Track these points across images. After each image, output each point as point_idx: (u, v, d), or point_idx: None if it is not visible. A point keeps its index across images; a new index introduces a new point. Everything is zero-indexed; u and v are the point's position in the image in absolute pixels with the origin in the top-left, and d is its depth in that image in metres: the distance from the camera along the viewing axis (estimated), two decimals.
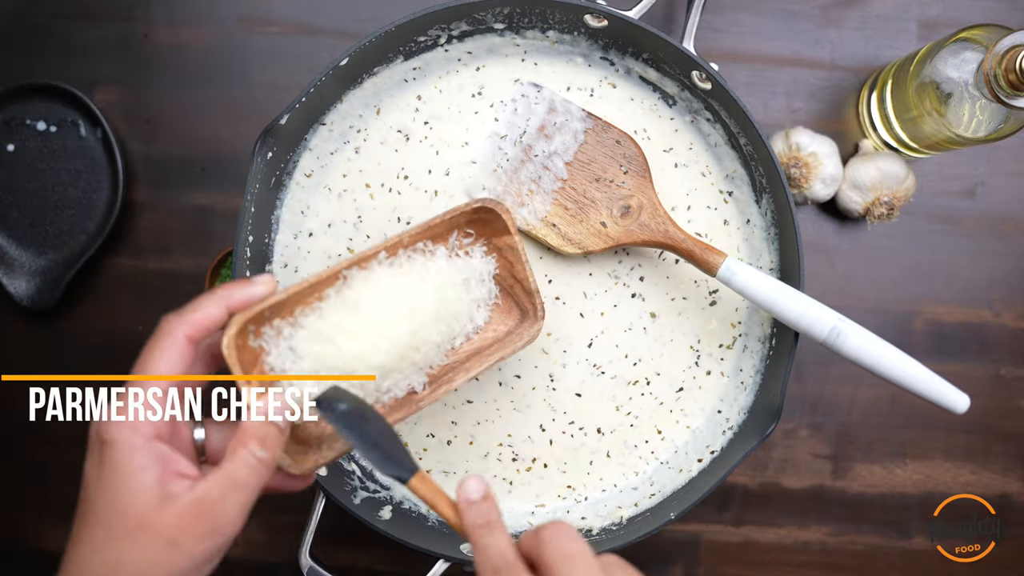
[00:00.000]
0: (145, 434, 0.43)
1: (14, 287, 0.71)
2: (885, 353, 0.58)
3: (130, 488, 0.42)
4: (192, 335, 0.45)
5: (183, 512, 0.42)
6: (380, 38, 0.61)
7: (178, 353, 0.45)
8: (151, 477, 0.42)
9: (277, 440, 0.46)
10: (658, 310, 0.67)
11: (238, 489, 0.43)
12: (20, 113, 0.72)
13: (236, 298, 0.47)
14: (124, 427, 0.43)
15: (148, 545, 0.42)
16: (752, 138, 0.63)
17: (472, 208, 0.55)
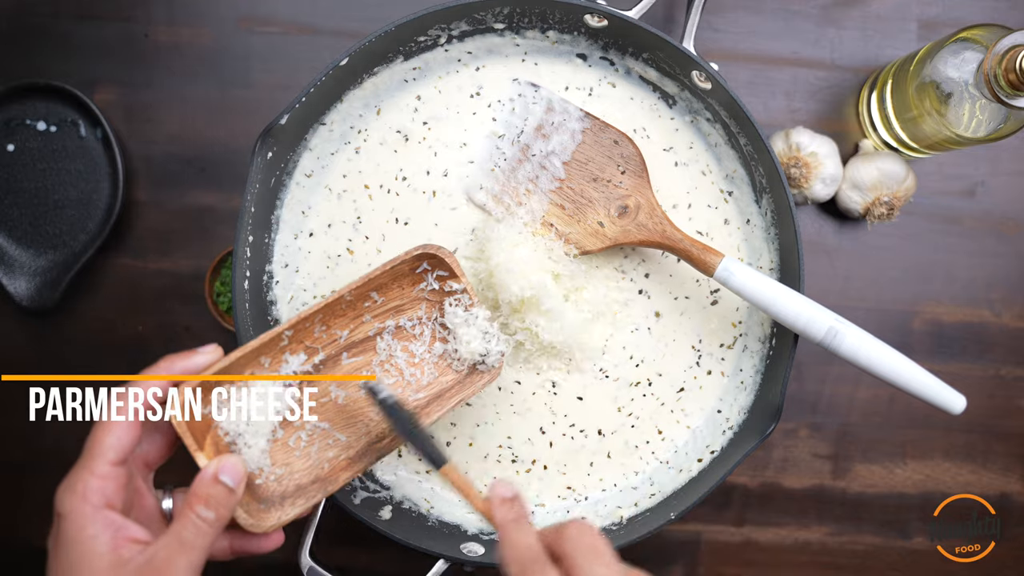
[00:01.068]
0: (95, 504, 0.45)
1: (14, 287, 0.71)
2: (882, 354, 0.58)
3: (84, 555, 0.44)
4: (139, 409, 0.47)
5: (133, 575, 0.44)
6: (380, 38, 0.61)
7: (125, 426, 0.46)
8: (103, 544, 0.44)
9: (224, 500, 0.47)
10: (662, 309, 0.67)
11: (185, 550, 0.45)
12: (20, 113, 0.72)
13: (178, 369, 0.49)
14: (75, 498, 0.44)
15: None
16: (752, 138, 0.63)
17: (413, 256, 0.55)
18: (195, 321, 0.73)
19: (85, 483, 0.45)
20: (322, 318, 0.54)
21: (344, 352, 0.56)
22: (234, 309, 0.61)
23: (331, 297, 0.54)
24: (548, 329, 0.64)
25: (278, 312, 0.66)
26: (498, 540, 0.46)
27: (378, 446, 0.56)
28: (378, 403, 0.51)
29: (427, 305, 0.57)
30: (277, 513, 0.52)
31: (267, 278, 0.65)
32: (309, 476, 0.55)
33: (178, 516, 0.46)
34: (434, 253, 0.55)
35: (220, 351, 0.50)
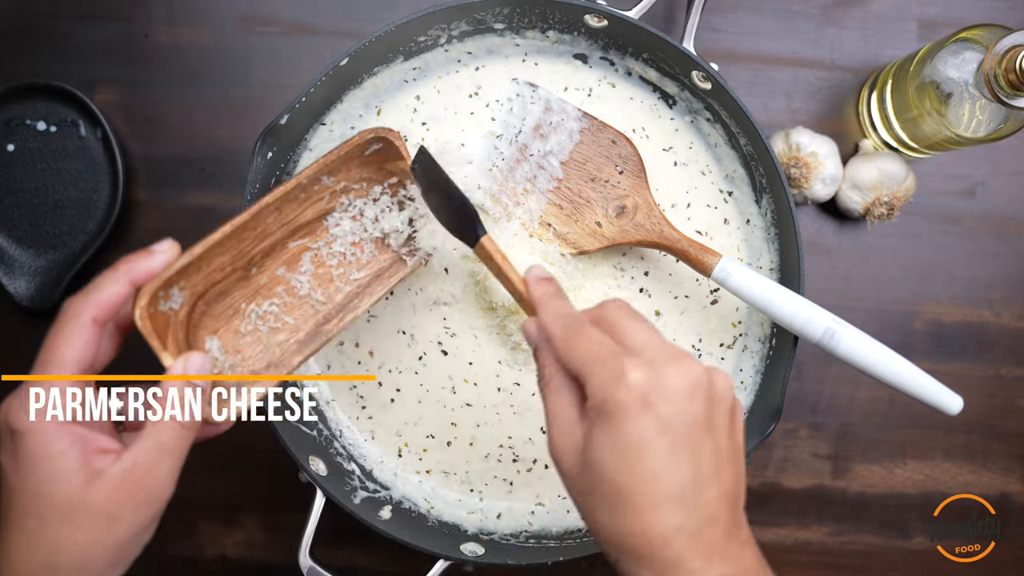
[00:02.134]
0: (58, 419, 0.43)
1: (14, 287, 0.71)
2: (879, 354, 0.58)
3: (54, 474, 0.42)
4: (99, 317, 0.44)
5: (115, 486, 0.42)
6: (380, 38, 0.61)
7: (85, 337, 0.44)
8: (73, 459, 0.42)
9: (196, 399, 0.46)
10: (662, 308, 0.67)
11: (166, 456, 0.44)
12: (20, 113, 0.71)
13: (139, 271, 0.46)
14: (36, 414, 0.42)
15: (86, 524, 0.42)
16: (752, 138, 0.63)
17: (367, 139, 0.55)
18: None
19: (44, 398, 0.43)
20: (277, 205, 0.54)
21: (291, 235, 0.56)
22: None
23: (290, 183, 0.54)
24: None
25: None
26: (536, 315, 0.46)
27: (326, 327, 0.57)
28: (424, 165, 0.52)
29: (368, 185, 0.58)
30: (236, 403, 0.52)
31: None
32: (262, 362, 0.55)
33: (152, 422, 0.44)
34: (384, 136, 0.56)
35: (177, 247, 0.48)
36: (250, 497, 0.74)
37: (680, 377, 0.40)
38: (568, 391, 0.43)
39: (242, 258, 0.54)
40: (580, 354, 0.42)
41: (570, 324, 0.43)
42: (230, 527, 0.74)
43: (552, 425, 0.43)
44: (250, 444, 0.72)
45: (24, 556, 0.42)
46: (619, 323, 0.43)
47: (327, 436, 0.67)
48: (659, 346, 0.42)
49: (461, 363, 0.67)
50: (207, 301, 0.53)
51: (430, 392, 0.67)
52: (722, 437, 0.41)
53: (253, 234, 0.53)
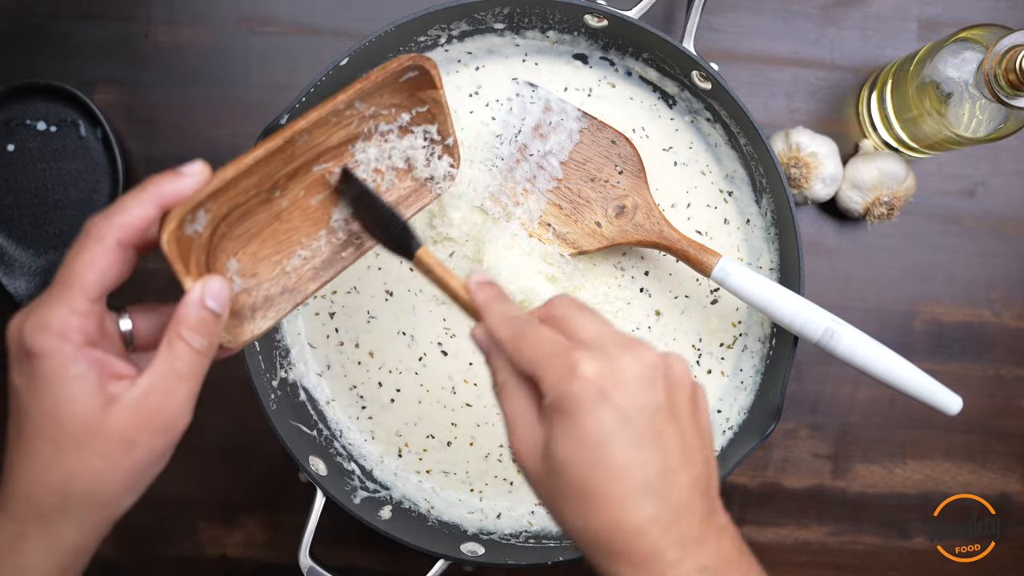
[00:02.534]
0: (76, 342, 0.41)
1: (14, 287, 0.71)
2: (879, 354, 0.58)
3: (71, 397, 0.40)
4: (124, 239, 0.42)
5: (131, 411, 0.41)
6: (380, 38, 0.61)
7: (108, 260, 0.42)
8: (90, 384, 0.41)
9: (215, 326, 0.44)
10: (662, 308, 0.67)
11: (182, 381, 0.42)
12: (20, 113, 0.71)
13: (168, 193, 0.44)
14: (52, 336, 0.40)
15: (103, 449, 0.41)
16: (752, 138, 0.63)
17: (404, 66, 0.54)
18: None
19: (63, 320, 0.40)
20: (308, 129, 0.52)
21: (316, 159, 0.55)
22: None
23: (325, 107, 0.52)
24: None
25: None
26: (482, 320, 0.44)
27: (343, 254, 0.56)
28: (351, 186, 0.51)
29: (397, 111, 0.57)
30: (250, 327, 0.51)
31: None
32: (277, 286, 0.54)
33: (168, 345, 0.42)
34: (420, 64, 0.54)
35: (208, 169, 0.46)
36: (250, 497, 0.74)
37: (635, 364, 0.39)
38: (523, 393, 0.41)
39: (267, 181, 0.52)
40: (530, 353, 0.41)
41: (517, 325, 0.42)
42: (230, 527, 0.74)
43: (512, 430, 0.42)
44: (250, 444, 0.73)
45: (38, 480, 0.41)
46: (567, 317, 0.42)
47: (327, 436, 0.67)
48: (611, 336, 0.41)
49: (461, 363, 0.67)
50: (228, 223, 0.51)
51: (430, 392, 0.67)
52: (686, 422, 0.40)
53: (281, 157, 0.52)
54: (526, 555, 0.63)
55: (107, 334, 0.44)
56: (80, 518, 0.42)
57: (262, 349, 0.63)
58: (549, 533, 0.67)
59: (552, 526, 0.67)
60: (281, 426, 0.61)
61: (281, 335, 0.66)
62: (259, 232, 0.53)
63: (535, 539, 0.66)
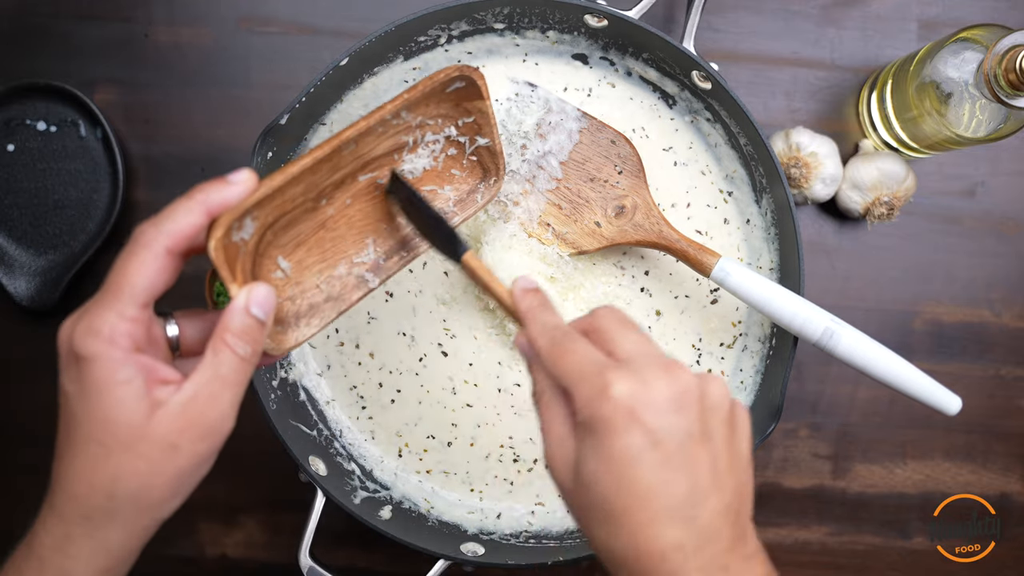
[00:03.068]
0: (125, 347, 0.41)
1: (14, 287, 0.71)
2: (878, 355, 0.58)
3: (118, 401, 0.41)
4: (172, 247, 0.43)
5: (176, 416, 0.42)
6: (380, 38, 0.61)
7: (157, 266, 0.42)
8: (137, 388, 0.41)
9: (259, 334, 0.44)
10: (663, 307, 0.67)
11: (226, 387, 0.43)
12: (20, 113, 0.71)
13: (215, 201, 0.44)
14: (102, 341, 0.41)
15: (148, 453, 0.41)
16: (752, 138, 0.63)
17: (452, 76, 0.54)
18: None
19: (112, 326, 0.41)
20: (356, 139, 0.52)
21: (362, 168, 0.55)
22: None
23: (373, 117, 0.52)
24: None
25: None
26: (524, 327, 0.44)
27: (386, 264, 0.56)
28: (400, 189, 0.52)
29: (444, 121, 0.57)
30: (294, 334, 0.52)
31: None
32: (321, 295, 0.54)
33: (213, 351, 0.43)
34: (468, 74, 0.54)
35: (255, 177, 0.46)
36: (250, 497, 0.74)
37: (668, 387, 0.39)
38: (559, 405, 0.41)
39: (313, 189, 0.52)
40: (565, 368, 0.41)
41: (556, 336, 0.42)
42: (230, 527, 0.74)
43: (546, 440, 0.42)
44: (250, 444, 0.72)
45: (85, 482, 0.42)
46: (608, 331, 0.42)
47: (327, 436, 0.67)
48: (648, 354, 0.40)
49: (461, 364, 0.67)
50: (275, 231, 0.51)
51: (430, 393, 0.67)
52: (720, 447, 0.40)
53: (328, 166, 0.52)
54: (526, 555, 0.63)
55: (154, 339, 0.45)
56: (125, 521, 0.42)
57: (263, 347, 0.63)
58: (549, 533, 0.67)
59: (552, 526, 0.67)
60: (281, 426, 0.61)
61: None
62: (305, 240, 0.53)
63: (535, 539, 0.66)
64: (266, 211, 0.49)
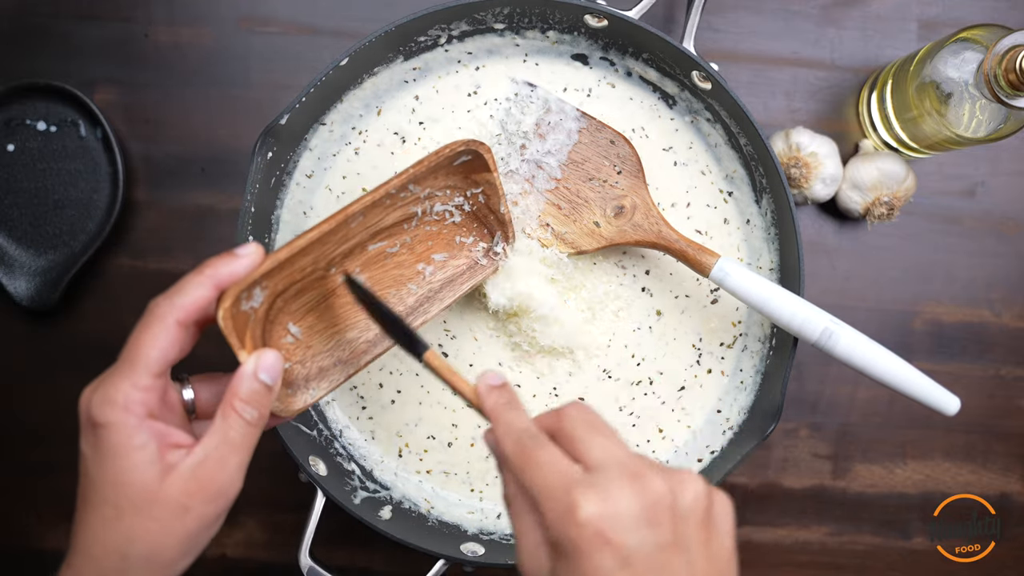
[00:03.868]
0: (139, 415, 0.44)
1: (14, 287, 0.71)
2: (877, 355, 0.58)
3: (132, 466, 0.43)
4: (183, 319, 0.45)
5: (186, 478, 0.44)
6: (380, 38, 0.61)
7: (169, 338, 0.45)
8: (150, 453, 0.43)
9: (266, 398, 0.46)
10: (663, 307, 0.67)
11: (234, 451, 0.45)
12: (20, 113, 0.71)
13: (223, 275, 0.47)
14: (117, 409, 0.43)
15: (159, 515, 0.43)
16: (752, 138, 0.63)
17: (458, 151, 0.56)
18: None
19: (127, 395, 0.43)
20: (364, 211, 0.54)
21: (372, 238, 0.57)
22: None
23: (379, 191, 0.54)
24: (545, 334, 0.64)
25: None
26: (491, 426, 0.44)
27: None
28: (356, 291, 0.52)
29: (452, 192, 0.59)
30: (303, 396, 0.54)
31: None
32: (331, 359, 0.56)
33: (222, 416, 0.45)
34: (475, 148, 0.56)
35: (261, 251, 0.48)
36: (250, 497, 0.73)
37: (637, 501, 0.38)
38: (529, 514, 0.41)
39: (323, 259, 0.54)
40: (532, 480, 0.40)
41: (523, 440, 0.41)
42: (230, 527, 0.74)
43: (519, 546, 0.41)
44: None
45: (100, 542, 0.44)
46: (575, 436, 0.41)
47: (327, 436, 0.67)
48: (618, 462, 0.40)
49: (462, 365, 0.67)
50: (285, 299, 0.53)
51: (431, 393, 0.67)
52: (696, 553, 0.39)
53: (336, 237, 0.54)
54: None
55: (170, 404, 0.47)
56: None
57: None
58: None
59: None
60: (281, 426, 0.61)
61: None
62: (315, 306, 0.55)
63: None
64: (275, 281, 0.51)
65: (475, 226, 0.62)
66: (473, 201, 0.60)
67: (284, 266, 0.51)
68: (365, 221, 0.55)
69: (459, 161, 0.57)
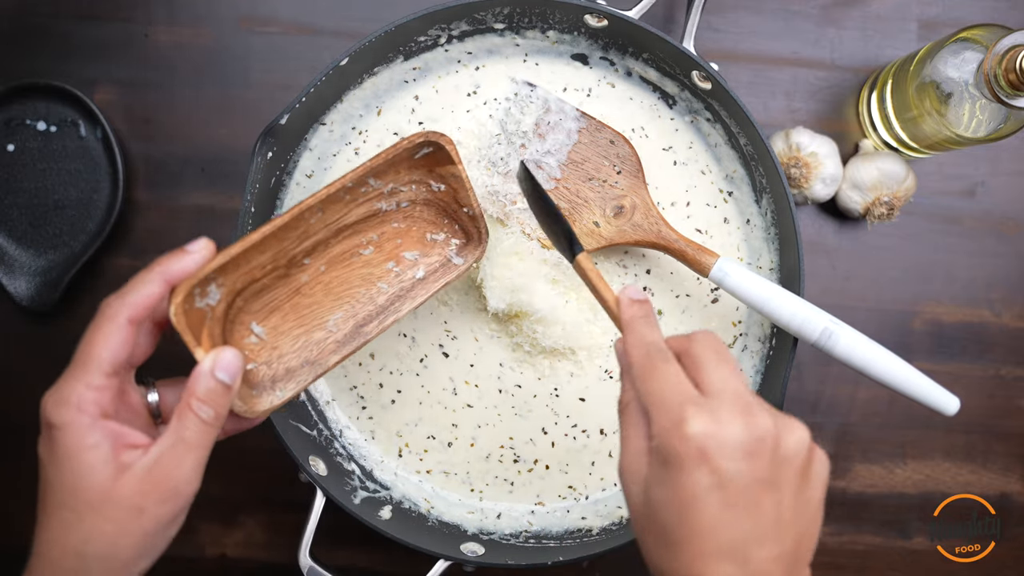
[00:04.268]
0: (92, 414, 0.44)
1: (14, 287, 0.71)
2: (876, 355, 0.58)
3: (86, 467, 0.43)
4: (133, 316, 0.45)
5: (141, 478, 0.44)
6: (380, 38, 0.61)
7: (121, 337, 0.45)
8: (104, 453, 0.44)
9: (223, 397, 0.46)
10: (664, 307, 0.67)
11: (189, 450, 0.45)
12: (20, 113, 0.71)
13: (174, 271, 0.47)
14: (70, 410, 0.44)
15: (115, 516, 0.43)
16: (752, 138, 0.63)
17: (416, 143, 0.55)
18: None
19: (80, 395, 0.44)
20: (320, 206, 0.53)
21: (335, 235, 0.56)
22: None
23: (333, 185, 0.53)
24: (547, 335, 0.64)
25: None
26: (622, 336, 0.45)
27: (365, 328, 0.57)
28: (529, 182, 0.53)
29: (418, 188, 0.58)
30: (269, 398, 0.53)
31: None
32: (298, 359, 0.55)
33: (178, 415, 0.45)
34: (435, 140, 0.55)
35: (212, 246, 0.48)
36: (250, 497, 0.74)
37: (743, 432, 0.39)
38: (641, 422, 0.42)
39: (283, 256, 0.54)
40: (650, 388, 0.42)
41: (649, 354, 0.43)
42: (230, 527, 0.74)
43: (623, 450, 0.43)
44: (250, 444, 0.72)
45: (58, 544, 0.44)
46: (700, 360, 0.42)
47: (327, 436, 0.67)
48: (733, 393, 0.41)
49: (462, 365, 0.67)
50: (245, 297, 0.53)
51: (431, 394, 0.67)
52: (787, 496, 0.40)
53: (295, 233, 0.53)
54: (526, 555, 0.63)
55: (132, 406, 0.47)
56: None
57: None
58: (549, 533, 0.67)
59: (552, 526, 0.67)
60: (281, 426, 0.61)
61: None
62: (279, 306, 0.55)
63: (535, 539, 0.66)
64: (232, 278, 0.51)
65: (446, 222, 0.60)
66: (440, 196, 0.59)
67: (239, 262, 0.50)
68: (325, 217, 0.54)
69: (420, 154, 0.56)
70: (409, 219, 0.59)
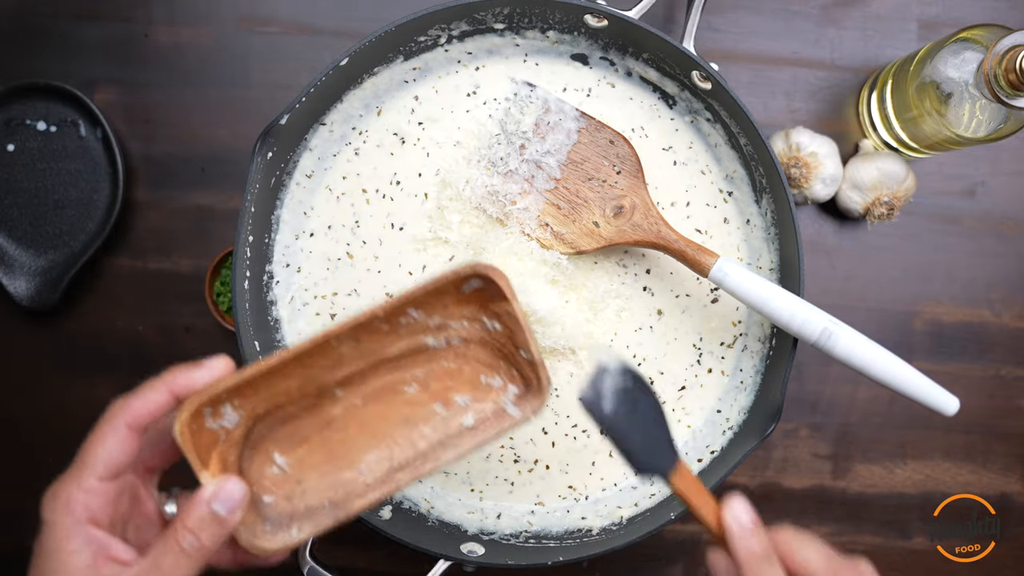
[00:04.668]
0: (79, 518, 0.43)
1: (14, 287, 0.71)
2: (876, 355, 0.58)
3: (62, 569, 0.43)
4: (132, 423, 0.44)
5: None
6: (380, 38, 0.61)
7: (117, 441, 0.44)
8: (84, 560, 0.43)
9: (214, 529, 0.44)
10: (664, 307, 0.67)
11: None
12: (20, 113, 0.72)
13: (179, 384, 0.45)
14: (58, 509, 0.43)
15: None
16: (752, 138, 0.63)
17: (463, 275, 0.49)
18: (195, 321, 0.73)
19: (69, 495, 0.43)
20: (352, 335, 0.49)
21: (374, 368, 0.51)
22: (234, 309, 0.61)
23: (363, 316, 0.48)
24: (546, 335, 0.64)
25: (278, 312, 0.66)
26: (722, 550, 0.45)
27: (399, 475, 0.51)
28: (598, 422, 0.45)
29: (470, 325, 0.51)
30: (283, 536, 0.48)
31: (267, 278, 0.65)
32: (321, 498, 0.50)
33: (163, 538, 0.44)
34: (484, 273, 0.48)
35: (229, 365, 0.46)
36: None
37: None
38: None
39: (311, 384, 0.49)
40: None
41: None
42: None
43: None
44: None
45: None
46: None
47: None
48: None
49: None
50: (269, 424, 0.49)
51: None
52: None
53: (324, 361, 0.49)
54: (526, 555, 0.63)
55: (144, 514, 0.46)
56: None
57: (262, 348, 0.63)
58: (549, 533, 0.67)
59: (552, 526, 0.67)
60: None
61: (281, 335, 0.66)
62: (308, 438, 0.50)
63: (535, 539, 0.66)
64: (251, 401, 0.47)
65: (503, 366, 0.52)
66: (496, 336, 0.51)
67: (258, 386, 0.47)
68: (361, 347, 0.50)
69: (469, 288, 0.50)
70: (461, 359, 0.52)
